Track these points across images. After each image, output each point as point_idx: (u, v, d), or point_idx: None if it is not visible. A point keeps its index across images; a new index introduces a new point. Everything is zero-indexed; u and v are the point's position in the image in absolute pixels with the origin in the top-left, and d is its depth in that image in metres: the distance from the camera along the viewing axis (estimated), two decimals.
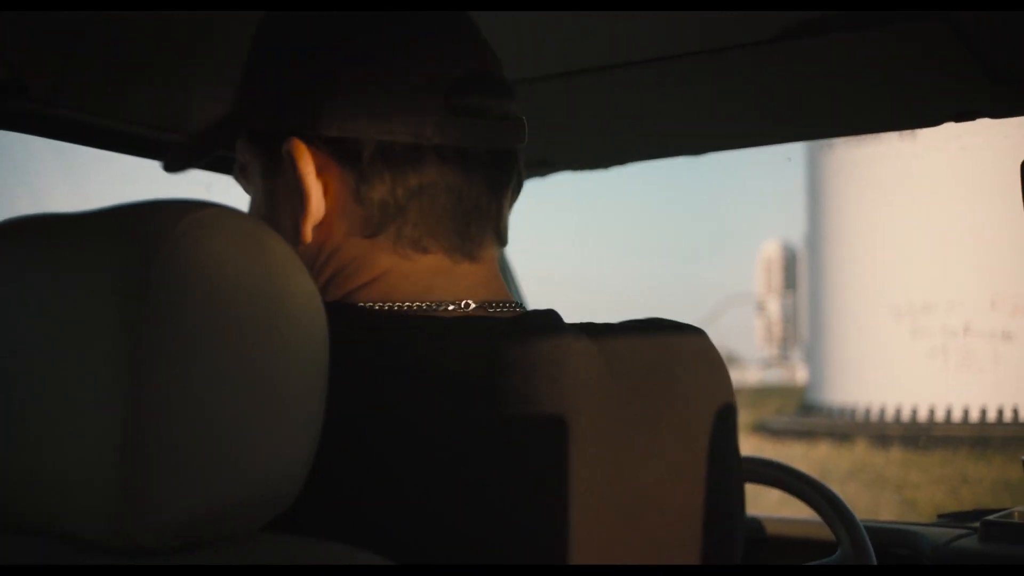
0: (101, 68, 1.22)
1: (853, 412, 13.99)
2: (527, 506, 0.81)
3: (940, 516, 1.99)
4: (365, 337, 0.85)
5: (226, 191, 1.54)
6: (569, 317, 0.95)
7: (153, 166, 1.42)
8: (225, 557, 0.68)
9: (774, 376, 21.07)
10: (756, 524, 1.91)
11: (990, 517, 1.72)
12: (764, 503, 6.47)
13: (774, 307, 20.93)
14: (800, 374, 19.16)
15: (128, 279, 0.65)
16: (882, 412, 13.66)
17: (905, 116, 1.53)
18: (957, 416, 12.97)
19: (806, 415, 15.01)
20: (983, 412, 12.84)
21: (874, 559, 1.49)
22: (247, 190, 0.98)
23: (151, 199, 0.70)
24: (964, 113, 1.45)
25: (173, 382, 0.64)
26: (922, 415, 13.26)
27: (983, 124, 1.50)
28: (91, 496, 0.64)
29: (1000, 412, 12.75)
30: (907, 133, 1.65)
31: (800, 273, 18.93)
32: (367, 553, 0.70)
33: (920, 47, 1.27)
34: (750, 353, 21.78)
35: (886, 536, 1.75)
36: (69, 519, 0.66)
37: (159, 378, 0.63)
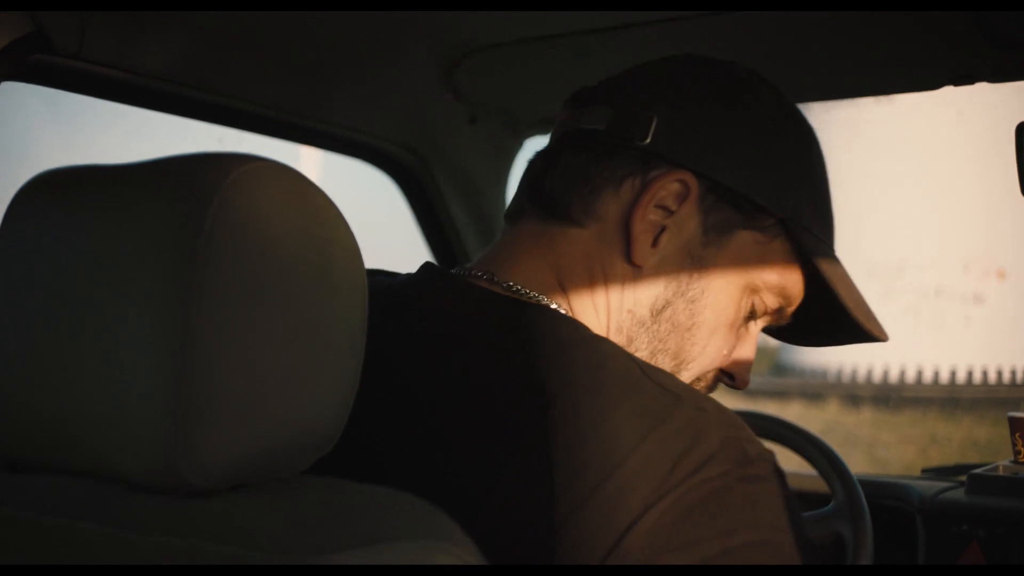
0: (124, 21, 1.22)
1: (825, 373, 14.09)
2: None
3: (924, 471, 2.03)
4: None
5: (238, 144, 1.55)
6: None
7: (166, 120, 1.43)
8: (273, 498, 0.70)
9: None
10: None
11: (977, 471, 1.76)
12: None
13: None
14: None
15: (180, 231, 0.66)
16: (854, 373, 13.77)
17: (904, 79, 1.54)
18: (928, 377, 13.10)
19: (779, 375, 15.10)
20: (952, 373, 12.97)
21: (867, 511, 1.53)
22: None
23: (200, 152, 0.72)
24: (962, 77, 1.46)
25: (221, 327, 0.66)
26: (893, 376, 13.37)
27: (967, 88, 1.51)
28: (142, 438, 0.67)
29: (969, 374, 12.89)
30: (883, 96, 1.67)
31: None
32: (410, 496, 0.72)
33: (920, 9, 1.28)
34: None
35: (876, 488, 1.79)
36: (122, 460, 0.68)
37: (208, 323, 0.66)
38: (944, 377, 13.00)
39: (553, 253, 0.98)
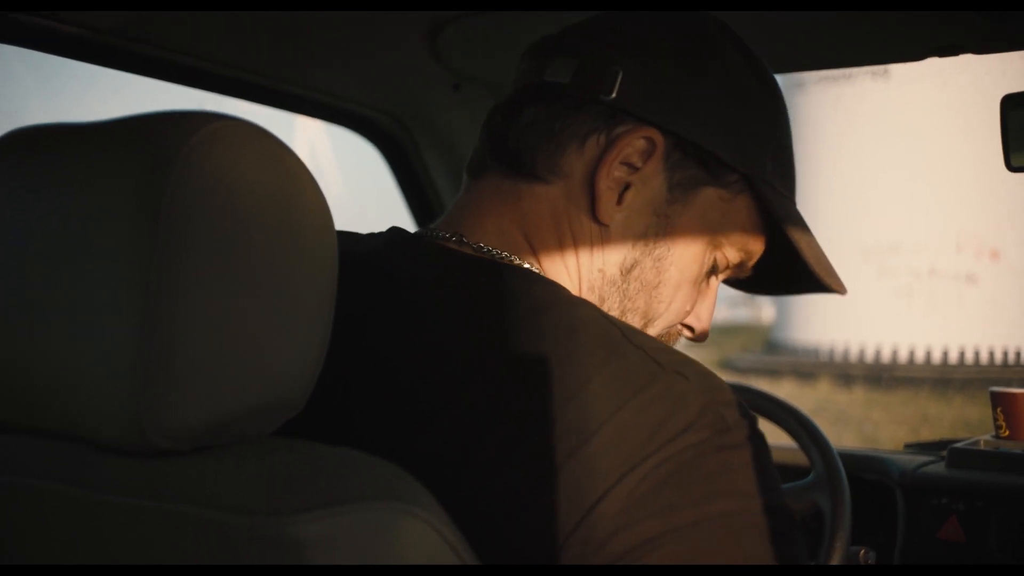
0: None
1: (817, 351, 14.12)
2: None
3: (907, 445, 2.04)
4: None
5: (217, 108, 1.54)
6: None
7: (147, 83, 1.42)
8: (239, 459, 0.70)
9: (741, 315, 21.23)
10: None
11: (957, 445, 1.77)
12: None
13: None
14: (766, 313, 19.31)
15: (144, 187, 0.66)
16: (846, 351, 13.80)
17: (889, 49, 1.53)
18: (920, 357, 13.13)
19: (771, 354, 15.13)
20: (945, 353, 13.00)
21: (846, 483, 1.53)
22: None
23: (166, 111, 0.71)
24: (947, 47, 1.45)
25: (186, 287, 0.66)
26: (885, 355, 13.41)
27: (957, 62, 1.51)
28: (108, 398, 0.66)
29: (962, 354, 12.92)
30: (880, 72, 1.66)
31: None
32: (378, 459, 0.72)
33: None
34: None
35: (856, 461, 1.79)
36: (88, 421, 0.68)
37: (173, 283, 0.65)
38: (936, 357, 13.03)
39: (519, 211, 0.97)
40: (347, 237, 1.02)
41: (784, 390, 11.78)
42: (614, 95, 0.95)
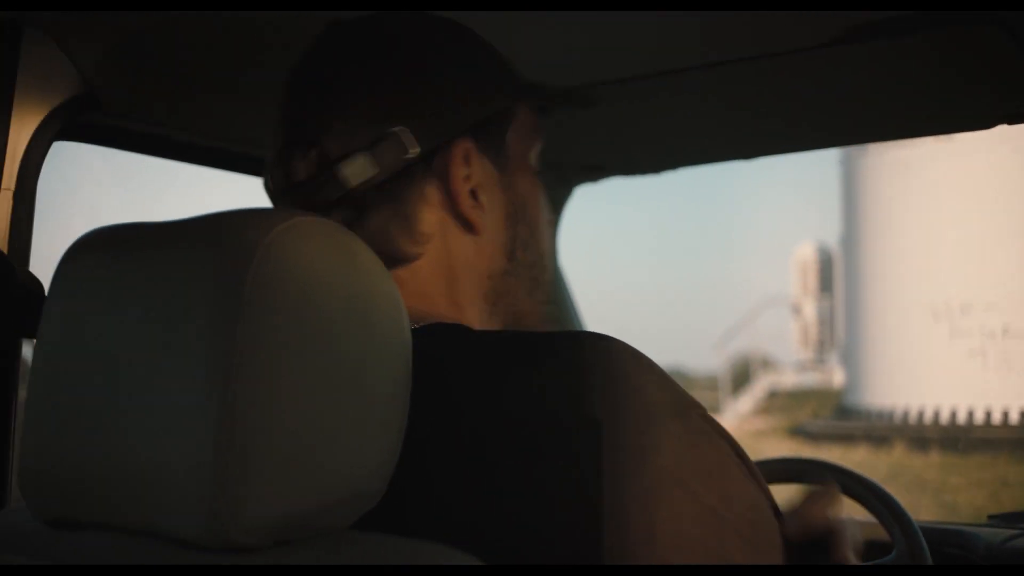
0: (172, 81, 1.25)
1: (891, 415, 13.87)
2: None
3: (991, 517, 1.98)
4: None
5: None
6: (605, 321, 1.03)
7: (212, 175, 1.45)
8: (318, 555, 0.70)
9: (810, 379, 20.93)
10: None
11: None
12: None
13: (810, 310, 20.79)
14: (837, 377, 19.02)
15: (223, 285, 0.67)
16: (920, 415, 13.54)
17: (958, 118, 1.53)
18: (997, 418, 12.83)
19: (843, 418, 14.88)
20: (1022, 415, 12.70)
21: (930, 559, 1.50)
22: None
23: (242, 208, 0.73)
24: (1016, 115, 1.45)
25: (266, 383, 0.66)
26: (961, 417, 13.12)
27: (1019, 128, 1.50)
28: (187, 495, 0.67)
29: None
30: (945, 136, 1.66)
31: (836, 275, 18.80)
32: (454, 551, 0.72)
33: (972, 49, 1.28)
34: (786, 356, 21.61)
35: (939, 536, 1.75)
36: (166, 518, 0.69)
37: (253, 380, 0.66)
38: (1014, 418, 12.73)
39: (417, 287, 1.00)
40: None
41: (858, 455, 11.57)
42: (417, 150, 0.96)
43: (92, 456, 0.72)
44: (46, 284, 0.78)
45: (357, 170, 0.94)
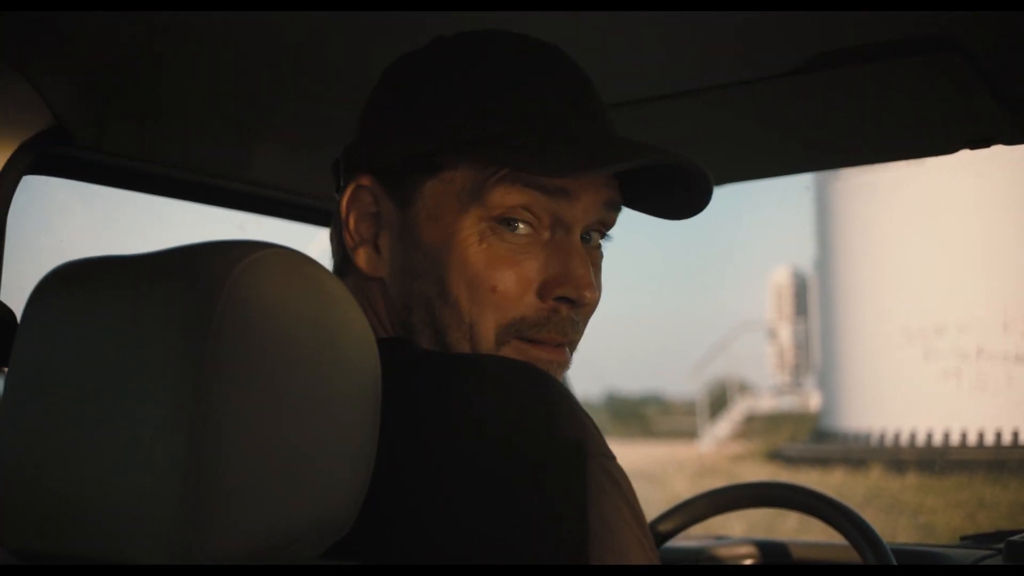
0: (143, 114, 1.25)
1: (868, 437, 13.89)
2: None
3: (963, 538, 1.99)
4: None
5: (258, 228, 1.57)
6: (581, 348, 1.04)
7: (187, 208, 1.45)
8: None
9: (787, 403, 20.99)
10: (781, 548, 1.92)
11: (1015, 538, 1.72)
12: (782, 528, 6.44)
13: (785, 334, 20.85)
14: (813, 401, 19.06)
15: (192, 316, 0.68)
16: (897, 437, 13.56)
17: (921, 144, 1.54)
18: (972, 440, 12.87)
19: (820, 442, 14.89)
20: (998, 435, 12.74)
21: None
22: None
23: (209, 241, 0.73)
24: (978, 140, 1.47)
25: (233, 413, 0.67)
26: (937, 439, 13.15)
27: (992, 149, 1.52)
28: (157, 525, 0.67)
29: (1015, 435, 12.65)
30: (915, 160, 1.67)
31: (811, 299, 18.88)
32: None
33: (934, 77, 1.30)
34: (763, 380, 21.65)
35: (911, 558, 1.76)
36: (135, 548, 0.69)
37: (220, 409, 0.66)
38: (990, 439, 12.78)
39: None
40: None
41: (836, 479, 11.58)
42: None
43: (60, 485, 0.72)
44: (19, 314, 0.78)
45: None
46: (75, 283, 0.76)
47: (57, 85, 1.14)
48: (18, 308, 0.80)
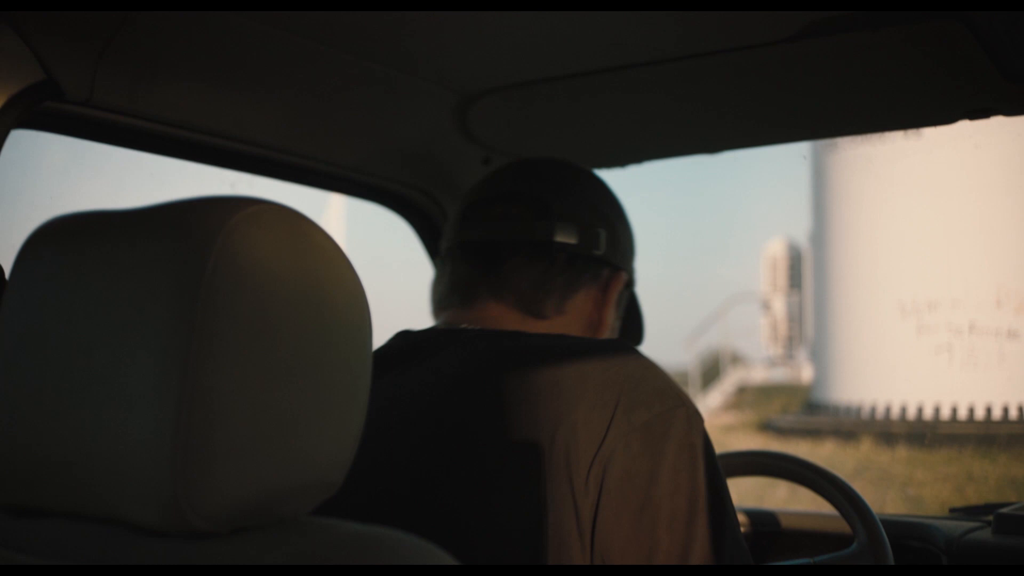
0: (135, 70, 1.24)
1: (859, 410, 13.94)
2: None
3: (952, 510, 2.00)
4: None
5: (249, 187, 1.57)
6: None
7: (178, 165, 1.44)
8: (276, 541, 0.70)
9: (779, 375, 21.04)
10: (771, 517, 1.92)
11: (1003, 510, 1.73)
12: (771, 498, 6.47)
13: (779, 306, 20.88)
14: (805, 373, 19.11)
15: (183, 272, 0.67)
16: (887, 410, 13.62)
17: (920, 114, 1.53)
18: (963, 414, 12.92)
19: (811, 414, 14.95)
20: (988, 410, 12.80)
21: (890, 551, 1.51)
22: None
23: (202, 196, 0.73)
24: (978, 111, 1.46)
25: (225, 370, 0.67)
26: (928, 413, 13.21)
27: (990, 122, 1.51)
28: (146, 482, 0.67)
29: (1005, 410, 12.71)
30: (912, 131, 1.66)
31: (805, 272, 18.90)
32: (412, 537, 0.72)
33: (935, 45, 1.28)
34: (756, 352, 21.70)
35: (900, 529, 1.76)
36: (125, 504, 0.69)
37: (212, 366, 0.66)
38: (980, 414, 12.83)
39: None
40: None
41: (826, 450, 11.63)
42: (601, 251, 1.25)
43: (52, 443, 0.71)
44: (8, 270, 0.77)
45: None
46: (65, 238, 0.75)
47: (48, 39, 1.13)
48: (7, 263, 0.79)
